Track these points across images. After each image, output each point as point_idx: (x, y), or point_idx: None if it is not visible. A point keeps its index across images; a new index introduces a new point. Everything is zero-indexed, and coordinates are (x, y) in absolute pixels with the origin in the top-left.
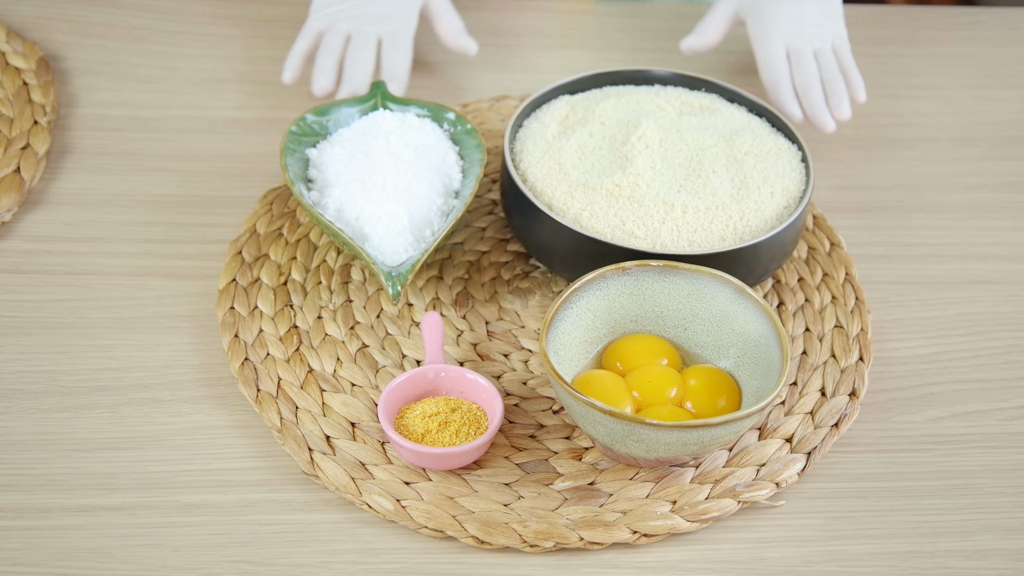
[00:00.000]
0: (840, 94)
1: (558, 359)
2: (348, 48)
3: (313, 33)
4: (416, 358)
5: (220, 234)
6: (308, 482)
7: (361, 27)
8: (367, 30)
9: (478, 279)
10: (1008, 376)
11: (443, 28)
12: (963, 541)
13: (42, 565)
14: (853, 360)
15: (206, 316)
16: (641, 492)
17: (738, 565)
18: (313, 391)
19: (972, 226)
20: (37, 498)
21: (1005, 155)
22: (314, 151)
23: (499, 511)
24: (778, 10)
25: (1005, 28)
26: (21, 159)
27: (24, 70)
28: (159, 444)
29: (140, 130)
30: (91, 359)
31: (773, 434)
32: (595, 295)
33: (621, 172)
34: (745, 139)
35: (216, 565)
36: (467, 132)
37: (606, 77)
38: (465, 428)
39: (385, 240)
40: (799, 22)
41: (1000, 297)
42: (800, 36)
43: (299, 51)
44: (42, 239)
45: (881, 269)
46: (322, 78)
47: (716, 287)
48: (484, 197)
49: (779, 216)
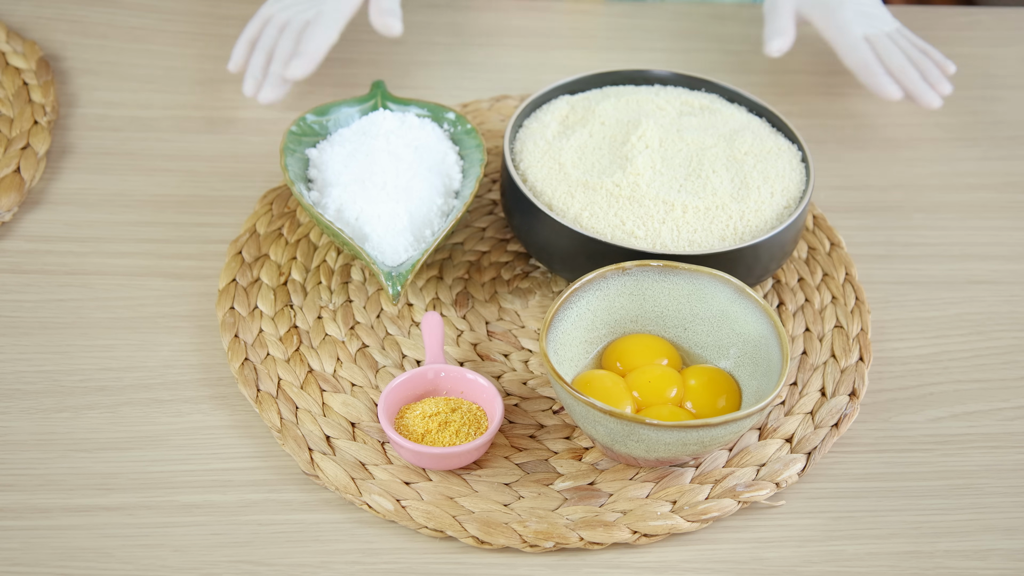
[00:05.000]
0: (933, 70)
1: (558, 359)
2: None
3: (261, 19)
4: (416, 358)
5: (220, 234)
6: (308, 482)
7: (297, 14)
8: (299, 17)
9: (478, 279)
10: (1008, 376)
11: (373, 7)
12: (963, 541)
13: (42, 565)
14: (853, 360)
15: (206, 316)
16: (641, 492)
17: (738, 565)
18: (313, 391)
19: (972, 226)
20: (37, 498)
21: (1005, 155)
22: (314, 151)
23: (499, 511)
24: (842, 1)
25: (1005, 28)
26: (21, 159)
27: (24, 70)
28: (159, 444)
29: (140, 130)
30: (91, 359)
31: (773, 434)
32: (595, 295)
33: (621, 172)
34: (745, 139)
35: (216, 565)
36: (467, 132)
37: (606, 77)
38: (465, 428)
39: (385, 240)
40: (864, 7)
41: (1000, 297)
42: (870, 21)
43: (244, 39)
44: (42, 239)
45: (881, 269)
46: (249, 82)
47: (716, 287)
48: (484, 197)
49: (779, 216)
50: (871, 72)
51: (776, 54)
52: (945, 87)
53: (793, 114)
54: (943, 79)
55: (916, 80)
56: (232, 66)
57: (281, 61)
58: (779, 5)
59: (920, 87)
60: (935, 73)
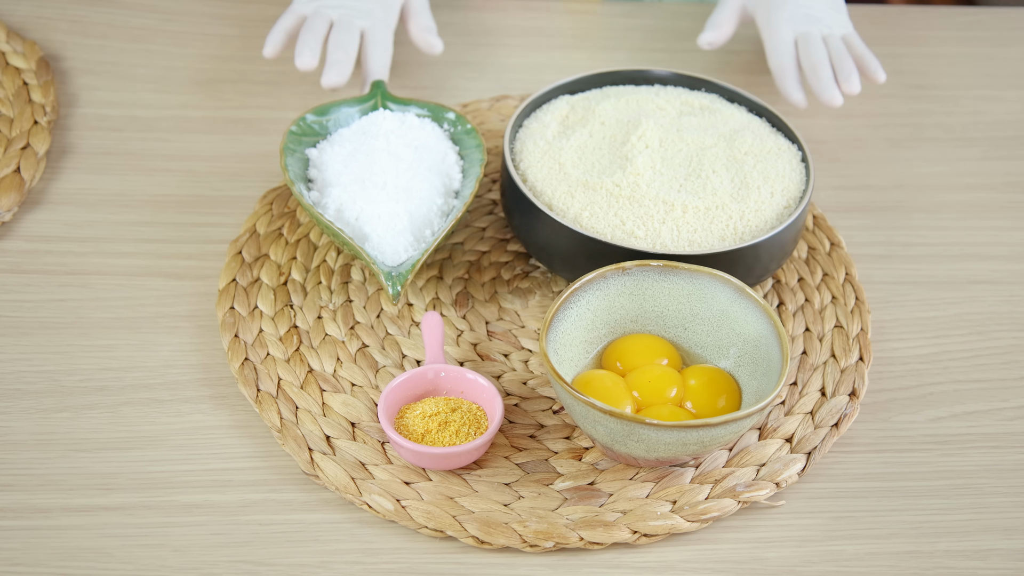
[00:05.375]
0: (849, 70)
1: (558, 359)
2: (332, 31)
3: (297, 15)
4: (416, 358)
5: (220, 234)
6: (308, 482)
7: (344, 15)
8: (352, 21)
9: (478, 279)
10: (1008, 376)
11: (414, 24)
12: (963, 541)
13: (42, 565)
14: (853, 360)
15: (206, 316)
16: (641, 492)
17: (738, 565)
18: (313, 391)
19: (972, 226)
20: (37, 498)
21: (1005, 155)
22: (314, 151)
23: (499, 511)
24: (785, 1)
25: (1005, 28)
26: (21, 159)
27: (24, 70)
28: (159, 444)
29: (140, 130)
30: (91, 359)
31: (773, 434)
32: (595, 295)
33: (621, 172)
34: (745, 139)
35: (216, 565)
36: (467, 132)
37: (606, 77)
38: (465, 428)
39: (385, 240)
40: (808, 9)
41: (1000, 297)
42: (808, 22)
43: (282, 27)
44: (42, 239)
45: (881, 269)
46: (306, 52)
47: (716, 287)
48: (484, 197)
49: (779, 216)
50: (783, 75)
51: (706, 47)
52: (853, 86)
53: (793, 114)
54: (854, 78)
55: (824, 78)
56: (269, 52)
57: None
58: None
59: (824, 85)
60: (847, 71)
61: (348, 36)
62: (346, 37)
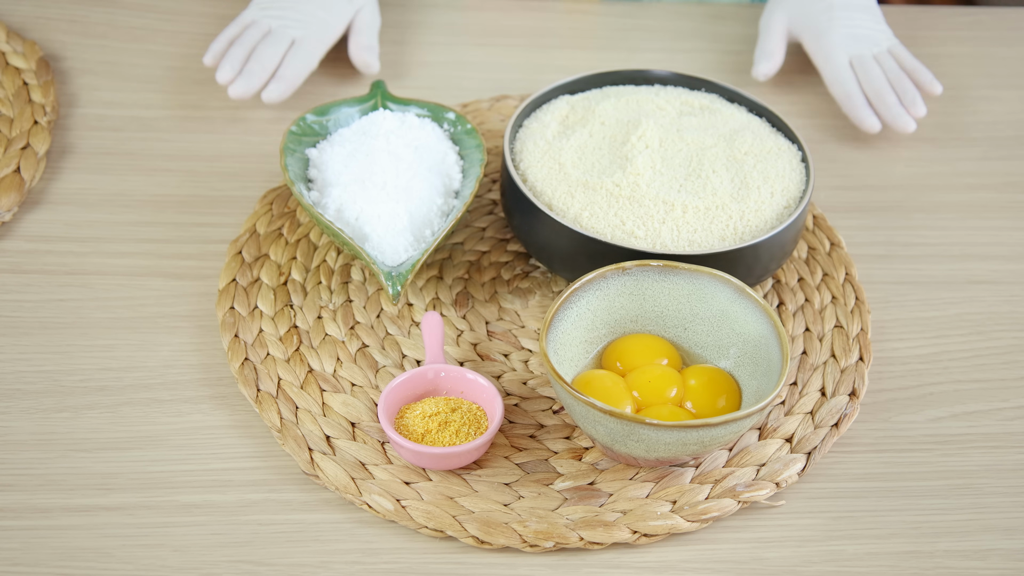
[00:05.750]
0: (912, 93)
1: (558, 359)
2: (260, 42)
3: (242, 24)
4: (416, 358)
5: (220, 234)
6: (308, 482)
7: (282, 26)
8: (285, 31)
9: (478, 279)
10: (1008, 376)
11: (354, 43)
12: (963, 541)
13: (42, 565)
14: (853, 360)
15: (206, 316)
16: (641, 492)
17: (738, 565)
18: (313, 391)
19: (972, 226)
20: (37, 498)
21: (1005, 155)
22: (314, 151)
23: (499, 511)
24: (832, 21)
25: (1005, 28)
26: (21, 159)
27: (24, 70)
28: (159, 444)
29: (140, 130)
30: (91, 359)
31: (773, 434)
32: (595, 295)
33: (621, 172)
34: (745, 139)
35: (216, 565)
36: (467, 132)
37: (606, 77)
38: (465, 428)
39: (385, 240)
40: (854, 29)
41: (1000, 297)
42: (858, 43)
43: (226, 37)
44: (42, 239)
45: (881, 269)
46: (226, 67)
47: (716, 287)
48: (484, 197)
49: (779, 216)
50: (852, 104)
51: (762, 78)
52: (919, 109)
53: (793, 114)
54: (918, 101)
55: (892, 105)
56: (209, 59)
57: (261, 62)
58: (771, 26)
59: (894, 112)
60: (911, 95)
61: (272, 49)
62: (270, 50)
